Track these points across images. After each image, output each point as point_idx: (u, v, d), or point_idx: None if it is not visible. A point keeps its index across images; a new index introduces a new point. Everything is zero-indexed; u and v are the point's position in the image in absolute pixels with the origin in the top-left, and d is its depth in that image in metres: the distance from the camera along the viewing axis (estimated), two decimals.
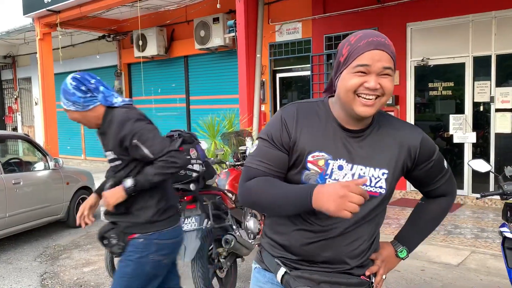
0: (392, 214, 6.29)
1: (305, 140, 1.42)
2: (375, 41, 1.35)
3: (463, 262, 4.45)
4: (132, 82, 11.88)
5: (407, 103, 7.22)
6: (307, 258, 1.46)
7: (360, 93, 1.35)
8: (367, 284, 1.49)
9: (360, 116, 1.38)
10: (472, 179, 6.71)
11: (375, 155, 1.44)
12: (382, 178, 1.43)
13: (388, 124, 1.49)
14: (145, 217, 2.29)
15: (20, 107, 15.35)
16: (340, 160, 1.42)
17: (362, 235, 1.45)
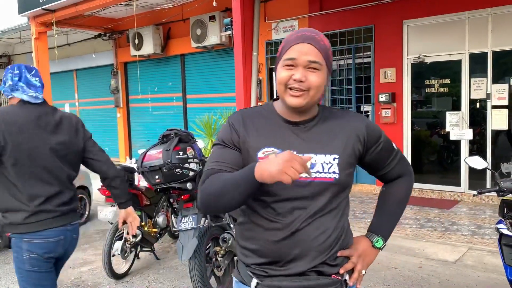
0: None
1: (254, 139, 1.48)
2: (304, 35, 1.42)
3: (460, 258, 4.46)
4: (129, 81, 11.84)
5: (403, 100, 7.22)
6: (277, 259, 1.46)
7: (290, 86, 1.41)
8: (339, 283, 1.49)
9: (292, 107, 1.45)
10: (469, 176, 6.73)
11: (324, 143, 1.48)
12: (333, 163, 1.46)
13: (333, 115, 1.55)
14: (12, 219, 2.24)
15: None
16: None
17: (326, 228, 1.45)
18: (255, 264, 1.50)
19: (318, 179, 1.44)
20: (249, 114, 1.54)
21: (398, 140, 7.29)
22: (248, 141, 1.47)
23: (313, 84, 1.42)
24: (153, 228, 4.55)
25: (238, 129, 1.49)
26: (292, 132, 1.49)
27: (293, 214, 1.43)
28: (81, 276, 4.41)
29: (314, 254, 1.44)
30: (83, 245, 5.37)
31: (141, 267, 4.57)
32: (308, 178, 1.41)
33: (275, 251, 1.45)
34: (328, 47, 1.46)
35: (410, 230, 5.39)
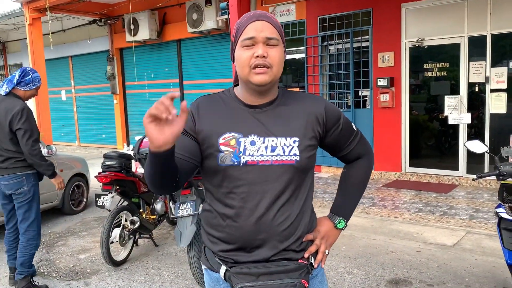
0: (387, 196, 6.31)
1: (212, 125, 1.48)
2: (257, 13, 1.46)
3: (459, 242, 4.47)
4: (125, 67, 11.73)
5: (402, 84, 7.18)
6: (243, 246, 1.47)
7: (253, 64, 1.41)
8: (305, 267, 1.50)
9: (258, 85, 1.44)
10: (467, 160, 6.72)
11: (284, 126, 1.49)
12: (294, 146, 1.47)
13: (292, 98, 1.56)
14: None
15: None
16: (252, 136, 1.47)
17: (290, 213, 1.48)
18: (222, 251, 1.51)
19: (278, 162, 1.45)
20: (207, 100, 1.55)
21: (397, 124, 7.26)
22: (205, 129, 1.48)
23: (275, 60, 1.43)
24: (151, 215, 4.54)
25: (194, 117, 1.50)
26: (252, 116, 1.50)
27: (255, 199, 1.44)
28: (80, 263, 4.41)
29: (279, 239, 1.46)
30: (81, 233, 5.37)
31: (140, 254, 4.57)
32: (269, 161, 1.44)
33: (240, 238, 1.46)
34: (279, 24, 1.49)
35: (408, 215, 5.40)
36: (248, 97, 1.51)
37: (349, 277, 3.82)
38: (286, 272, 1.45)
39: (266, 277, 1.44)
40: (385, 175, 7.46)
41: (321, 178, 7.73)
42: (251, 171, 1.44)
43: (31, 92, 3.71)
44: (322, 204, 5.99)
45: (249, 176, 1.44)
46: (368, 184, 7.28)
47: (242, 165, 1.44)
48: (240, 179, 1.45)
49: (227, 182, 1.46)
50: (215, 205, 1.51)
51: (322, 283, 1.62)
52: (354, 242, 4.63)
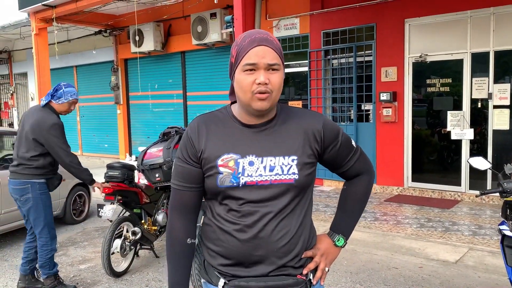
0: (389, 211, 6.29)
1: (211, 147, 1.49)
2: (258, 37, 1.44)
3: (461, 259, 4.44)
4: (129, 77, 11.80)
5: (404, 99, 7.20)
6: (241, 261, 1.48)
7: (255, 91, 1.42)
8: (304, 283, 1.51)
9: (258, 111, 1.46)
10: (470, 175, 6.71)
11: (282, 145, 1.50)
12: (292, 164, 1.48)
13: (291, 115, 1.56)
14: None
15: (16, 103, 15.26)
16: (250, 156, 1.47)
17: (288, 230, 1.48)
18: (220, 265, 1.52)
19: (278, 181, 1.46)
20: (206, 121, 1.55)
21: (399, 139, 7.27)
22: (206, 151, 1.49)
23: (275, 85, 1.44)
24: (153, 226, 4.53)
25: (194, 141, 1.51)
26: (250, 136, 1.50)
27: (255, 216, 1.45)
28: (80, 273, 4.39)
29: (278, 255, 1.47)
30: (82, 243, 5.36)
31: (141, 265, 4.55)
32: (268, 180, 1.46)
33: (239, 253, 1.47)
34: (280, 46, 1.50)
35: (411, 230, 5.37)
36: (246, 117, 1.52)
37: None
38: (284, 287, 1.46)
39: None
40: (387, 190, 7.44)
41: (323, 191, 7.72)
42: (251, 191, 1.46)
43: (64, 106, 3.80)
44: (324, 218, 5.97)
45: (249, 196, 1.46)
46: (370, 199, 7.24)
47: (241, 186, 1.46)
48: (240, 199, 1.46)
49: (227, 201, 1.48)
50: (215, 220, 1.53)
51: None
52: (355, 257, 4.61)
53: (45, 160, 3.69)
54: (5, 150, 13.44)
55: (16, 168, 3.71)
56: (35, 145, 3.65)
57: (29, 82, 14.19)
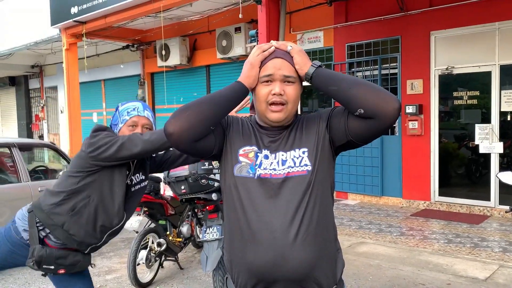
0: (416, 225, 6.17)
1: (236, 136, 1.58)
2: (276, 51, 1.52)
3: (491, 276, 4.31)
4: (155, 91, 12.03)
5: (431, 112, 7.10)
6: (260, 280, 1.46)
7: (270, 101, 1.50)
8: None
9: (273, 122, 1.53)
10: (499, 190, 6.53)
11: (294, 142, 1.55)
12: (303, 156, 1.51)
13: (305, 119, 1.62)
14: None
15: (46, 115, 15.72)
16: (265, 151, 1.54)
17: (304, 226, 1.43)
18: (240, 281, 1.52)
19: (291, 174, 1.48)
20: (238, 120, 1.66)
21: (425, 152, 7.15)
22: (231, 137, 1.57)
23: (290, 97, 1.50)
24: (178, 237, 4.57)
25: (228, 121, 1.61)
26: (268, 137, 1.57)
27: (269, 213, 1.44)
28: (106, 284, 4.46)
29: (292, 255, 1.43)
30: (108, 253, 5.45)
31: (165, 276, 4.59)
32: (281, 174, 1.48)
33: (257, 273, 1.46)
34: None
35: (438, 245, 5.26)
36: (264, 124, 1.60)
37: None
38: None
39: None
40: (414, 204, 7.31)
41: (348, 205, 7.64)
42: (264, 184, 1.48)
43: (124, 129, 2.30)
44: (349, 233, 5.91)
45: (262, 189, 1.47)
46: (395, 213, 7.11)
47: (257, 177, 1.49)
48: (253, 192, 1.47)
49: (242, 194, 1.49)
50: (231, 224, 1.53)
51: None
52: (381, 272, 4.53)
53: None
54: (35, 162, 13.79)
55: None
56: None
57: (59, 96, 14.62)
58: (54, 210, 2.18)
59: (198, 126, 1.42)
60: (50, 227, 2.18)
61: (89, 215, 2.18)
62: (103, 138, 2.13)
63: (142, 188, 2.39)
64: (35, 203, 2.29)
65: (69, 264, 2.22)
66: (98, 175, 2.17)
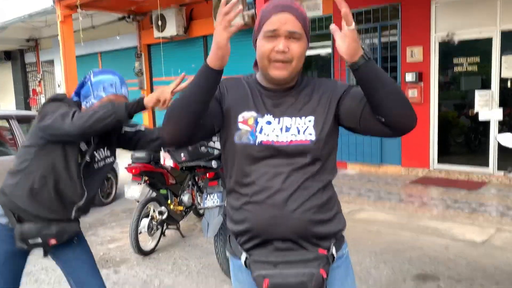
0: (414, 192, 6.23)
1: (234, 103, 1.51)
2: (281, 4, 1.43)
3: (489, 240, 4.38)
4: (152, 63, 11.91)
5: (430, 80, 7.05)
6: (260, 233, 1.46)
7: (273, 58, 1.42)
8: (325, 257, 1.46)
9: (275, 80, 1.46)
10: (498, 157, 6.56)
11: (300, 107, 1.49)
12: (309, 125, 1.46)
13: (311, 83, 1.55)
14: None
15: (44, 89, 15.61)
16: (268, 116, 1.48)
17: (305, 195, 1.43)
18: (240, 235, 1.52)
19: (294, 142, 1.45)
20: (234, 80, 1.59)
21: (425, 120, 7.14)
22: (229, 104, 1.51)
23: (295, 54, 1.42)
24: (179, 206, 4.61)
25: (221, 91, 1.54)
26: (270, 99, 1.51)
27: (273, 181, 1.43)
28: (109, 252, 4.52)
29: (295, 224, 1.43)
30: (110, 223, 5.51)
31: (167, 244, 4.66)
32: (284, 142, 1.44)
33: (255, 219, 1.46)
34: (305, 15, 1.46)
35: (436, 211, 5.31)
36: (267, 83, 1.53)
37: (375, 272, 3.80)
38: (304, 262, 1.44)
39: (283, 266, 1.43)
40: (413, 172, 7.35)
41: (347, 174, 7.68)
42: (266, 151, 1.45)
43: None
44: (348, 200, 5.96)
45: (264, 156, 1.45)
46: (395, 181, 7.15)
47: (258, 144, 1.45)
48: (254, 159, 1.45)
49: (242, 160, 1.47)
50: (233, 185, 1.53)
51: (346, 274, 1.58)
52: (380, 237, 4.60)
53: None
54: None
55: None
56: None
57: (56, 70, 14.48)
58: (14, 192, 2.07)
59: (186, 128, 1.40)
60: (14, 210, 2.07)
61: (50, 194, 2.07)
62: (50, 107, 2.01)
63: (108, 165, 2.26)
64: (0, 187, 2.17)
65: (57, 232, 2.12)
66: (49, 150, 2.04)
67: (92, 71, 2.19)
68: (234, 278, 1.62)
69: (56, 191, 2.08)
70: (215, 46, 1.35)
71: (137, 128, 2.29)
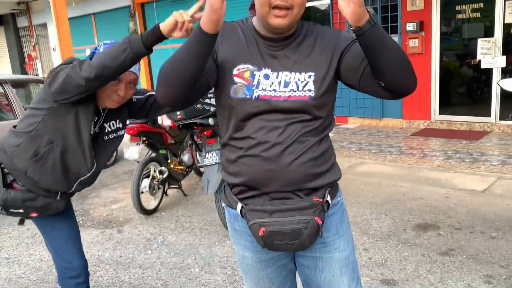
0: (415, 144, 6.21)
1: (228, 54, 1.42)
2: None
3: (489, 188, 4.39)
4: (147, 22, 11.62)
5: (432, 29, 6.87)
6: (255, 183, 1.45)
7: (273, 4, 1.33)
8: (320, 205, 1.45)
9: (275, 28, 1.38)
10: (500, 106, 6.49)
11: (299, 61, 1.42)
12: (309, 81, 1.40)
13: (311, 31, 1.47)
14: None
15: (39, 54, 15.38)
16: (266, 69, 1.41)
17: (303, 151, 1.41)
18: (236, 186, 1.51)
19: (292, 98, 1.40)
20: (228, 28, 1.47)
21: (426, 71, 7.02)
22: (223, 56, 1.43)
23: (297, 1, 1.34)
24: (179, 165, 4.61)
25: (218, 44, 1.44)
26: (267, 49, 1.43)
27: (267, 134, 1.40)
28: (113, 212, 4.57)
29: (291, 177, 1.42)
30: (112, 185, 5.54)
31: (170, 203, 4.70)
32: (281, 96, 1.39)
33: (250, 172, 1.44)
34: None
35: (437, 162, 5.31)
36: (265, 30, 1.44)
37: (375, 223, 3.83)
38: (299, 210, 1.43)
39: (279, 214, 1.43)
40: (414, 124, 7.31)
41: (348, 129, 7.65)
42: (263, 105, 1.40)
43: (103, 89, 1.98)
44: (349, 154, 5.95)
45: (261, 110, 1.40)
46: (395, 134, 7.12)
47: (254, 99, 1.40)
48: (251, 113, 1.41)
49: (238, 115, 1.43)
50: (228, 140, 1.50)
51: (341, 221, 1.57)
52: (381, 189, 4.62)
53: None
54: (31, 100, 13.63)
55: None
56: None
57: (50, 33, 14.20)
58: (16, 153, 1.98)
59: (181, 92, 1.33)
60: (13, 172, 2.00)
61: (55, 162, 1.98)
62: (61, 67, 1.87)
63: (119, 137, 2.18)
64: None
65: (41, 207, 2.05)
66: (60, 116, 1.93)
67: (102, 42, 2.06)
68: (230, 227, 1.62)
69: (62, 159, 1.99)
70: (209, 8, 1.24)
71: (147, 95, 2.20)
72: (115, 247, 3.74)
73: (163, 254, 3.55)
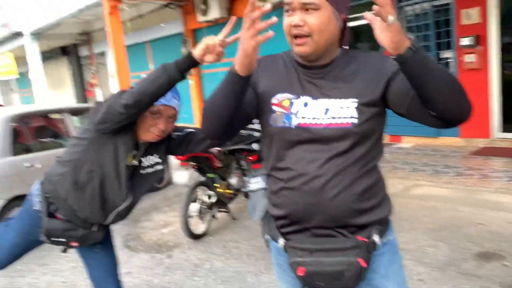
0: (474, 165, 5.86)
1: (268, 84, 1.43)
2: None
3: None
4: None
5: (490, 43, 6.53)
6: (296, 219, 1.40)
7: (293, 34, 1.33)
8: (365, 245, 1.36)
9: (301, 57, 1.38)
10: None
11: (340, 87, 1.37)
12: (351, 107, 1.34)
13: (355, 58, 1.42)
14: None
15: (99, 82, 16.23)
16: (305, 97, 1.39)
17: (348, 184, 1.34)
18: (279, 219, 1.47)
19: (333, 125, 1.33)
20: (270, 58, 1.49)
21: (484, 87, 6.66)
22: (263, 86, 1.43)
23: (313, 27, 1.30)
24: (227, 189, 4.63)
25: (255, 73, 1.42)
26: (307, 77, 1.41)
27: (308, 167, 1.35)
28: (163, 237, 4.64)
29: (334, 212, 1.35)
30: (163, 208, 5.65)
31: (219, 227, 4.71)
32: (322, 124, 1.34)
33: (290, 204, 1.40)
34: None
35: (499, 184, 4.97)
36: (301, 60, 1.42)
37: (431, 250, 3.62)
38: (342, 250, 1.36)
39: (320, 254, 1.37)
40: (472, 143, 6.92)
41: (402, 148, 7.38)
42: (303, 134, 1.36)
43: (147, 114, 2.04)
44: (402, 176, 5.72)
45: (301, 139, 1.37)
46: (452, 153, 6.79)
47: (294, 127, 1.37)
48: (291, 142, 1.38)
49: (278, 144, 1.41)
50: (270, 170, 1.47)
51: (391, 262, 1.46)
52: (437, 213, 4.37)
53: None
54: None
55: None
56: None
57: (108, 61, 14.97)
58: (60, 182, 2.07)
59: (221, 127, 1.38)
60: (56, 200, 2.08)
61: (93, 191, 2.04)
62: (107, 100, 1.94)
63: (157, 172, 2.21)
64: (46, 173, 2.18)
65: (81, 237, 2.12)
66: (100, 146, 2.00)
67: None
68: (274, 261, 1.59)
69: (101, 188, 2.04)
70: (242, 53, 1.25)
71: (186, 131, 2.28)
72: (165, 272, 3.78)
73: (209, 281, 3.54)
